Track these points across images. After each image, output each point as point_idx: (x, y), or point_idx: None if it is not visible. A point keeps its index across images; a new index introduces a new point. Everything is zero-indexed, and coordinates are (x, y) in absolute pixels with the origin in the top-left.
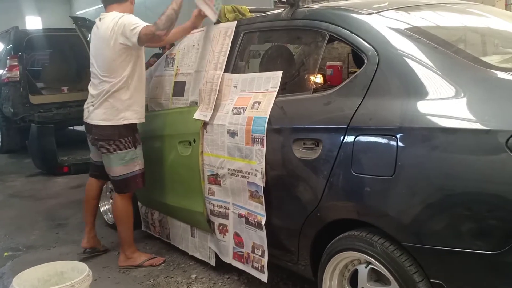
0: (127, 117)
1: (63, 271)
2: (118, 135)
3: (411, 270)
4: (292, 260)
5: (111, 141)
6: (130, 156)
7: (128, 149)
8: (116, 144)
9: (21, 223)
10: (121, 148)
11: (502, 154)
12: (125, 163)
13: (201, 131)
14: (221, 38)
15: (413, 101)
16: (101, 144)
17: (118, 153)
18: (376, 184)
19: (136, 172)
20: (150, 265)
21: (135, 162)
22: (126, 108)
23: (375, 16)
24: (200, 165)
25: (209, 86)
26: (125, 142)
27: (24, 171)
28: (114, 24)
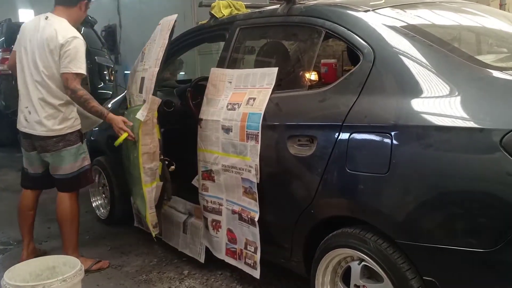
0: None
1: (54, 265)
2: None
3: (403, 267)
4: (285, 256)
5: (58, 138)
6: (80, 150)
7: (77, 144)
8: (64, 140)
9: (12, 218)
10: (70, 143)
11: (496, 152)
12: (73, 160)
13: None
14: (164, 32)
15: (408, 99)
16: (47, 142)
17: (67, 149)
18: (370, 181)
19: (86, 167)
20: (99, 269)
21: (84, 157)
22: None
23: (371, 14)
24: (141, 167)
25: (149, 84)
26: (72, 137)
27: (15, 165)
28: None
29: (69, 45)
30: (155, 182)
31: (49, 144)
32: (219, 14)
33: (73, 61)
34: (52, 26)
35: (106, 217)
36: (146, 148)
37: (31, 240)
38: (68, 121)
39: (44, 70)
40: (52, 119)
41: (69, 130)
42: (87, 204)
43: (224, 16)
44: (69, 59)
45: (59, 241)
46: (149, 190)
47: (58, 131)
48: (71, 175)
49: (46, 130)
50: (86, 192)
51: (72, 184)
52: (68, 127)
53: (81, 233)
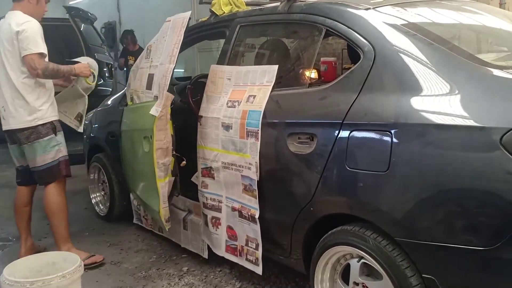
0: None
1: (54, 261)
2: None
3: (403, 265)
4: (284, 253)
5: (29, 130)
6: (53, 143)
7: (48, 136)
8: (37, 132)
9: (11, 214)
10: (42, 136)
11: (496, 151)
12: (49, 150)
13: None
14: (178, 29)
15: (408, 97)
16: (19, 136)
17: (39, 141)
18: (370, 179)
19: (59, 160)
20: (92, 263)
21: (58, 149)
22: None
23: (372, 12)
24: (155, 162)
25: (163, 81)
26: (44, 129)
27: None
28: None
29: (23, 29)
30: (168, 177)
31: (21, 137)
32: (219, 12)
33: (32, 42)
34: (7, 21)
35: (105, 214)
36: (160, 144)
37: (29, 236)
38: (38, 112)
39: (10, 65)
40: (22, 111)
41: (40, 122)
42: (87, 200)
43: (224, 14)
44: (27, 41)
45: None
46: (163, 185)
47: (28, 122)
48: (43, 168)
49: (17, 123)
50: (85, 188)
51: (45, 177)
52: (38, 119)
53: (81, 230)
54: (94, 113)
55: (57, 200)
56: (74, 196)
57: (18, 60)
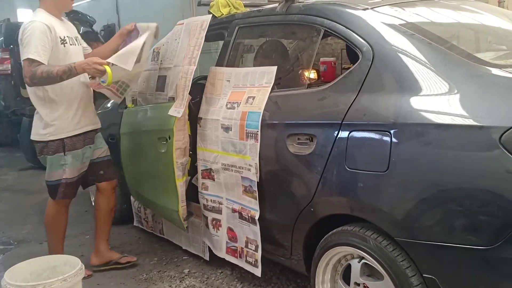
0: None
1: (55, 265)
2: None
3: (403, 265)
4: (285, 255)
5: (39, 144)
6: (56, 162)
7: (57, 154)
8: (45, 147)
9: (12, 217)
10: (50, 152)
11: (495, 150)
12: (50, 169)
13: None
14: (197, 31)
15: (407, 97)
16: (35, 147)
17: (47, 157)
18: (370, 179)
19: (60, 181)
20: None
21: (59, 170)
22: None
23: (370, 12)
24: (174, 163)
25: (183, 82)
26: (53, 146)
27: (15, 164)
28: (21, 37)
29: (23, 31)
30: (185, 176)
31: (36, 148)
32: (218, 13)
33: (25, 47)
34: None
35: None
36: (179, 144)
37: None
38: (50, 128)
39: None
40: (38, 123)
41: (50, 138)
42: (88, 203)
43: (223, 15)
44: (22, 46)
45: None
46: (181, 184)
47: (40, 136)
48: (47, 183)
49: (33, 134)
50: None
51: (49, 192)
52: (49, 134)
53: (82, 232)
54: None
55: (54, 217)
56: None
57: None
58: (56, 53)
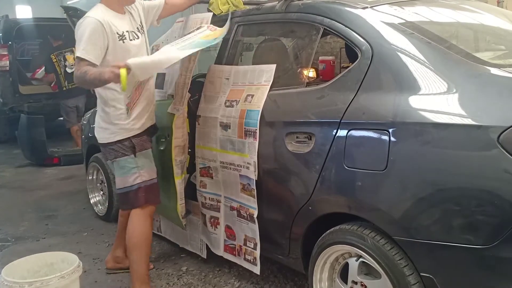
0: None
1: (53, 262)
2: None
3: (401, 263)
4: (283, 253)
5: (106, 148)
6: (130, 164)
7: (126, 156)
8: (113, 150)
9: (10, 214)
10: (119, 155)
11: (493, 149)
12: (125, 173)
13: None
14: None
15: (406, 96)
16: (103, 150)
17: (117, 160)
18: (368, 178)
19: (134, 187)
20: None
21: (136, 173)
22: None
23: (369, 11)
24: (173, 160)
25: (182, 79)
26: (121, 148)
27: (13, 161)
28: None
29: (77, 29)
30: (184, 174)
31: (104, 152)
32: (217, 11)
33: (76, 45)
34: None
35: (104, 214)
36: (178, 141)
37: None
38: (116, 127)
39: None
40: (102, 124)
41: (117, 138)
42: (86, 200)
43: (222, 13)
44: (76, 43)
45: (57, 238)
46: (180, 182)
47: (107, 137)
48: (119, 192)
49: (100, 137)
50: (84, 188)
51: (120, 201)
52: (116, 134)
53: (80, 230)
54: (92, 113)
55: (140, 230)
56: (73, 196)
57: None
58: (114, 50)
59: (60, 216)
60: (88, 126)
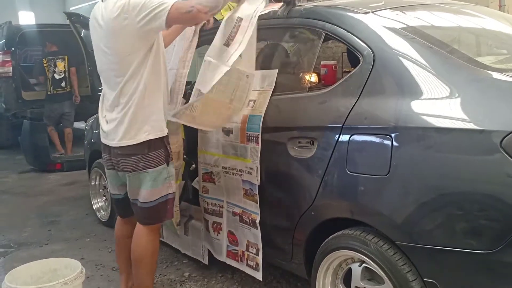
0: (150, 130)
1: (56, 268)
2: (147, 148)
3: (404, 269)
4: (286, 258)
5: (138, 156)
6: (164, 175)
7: (160, 166)
8: (146, 159)
9: (12, 220)
10: (152, 165)
11: (496, 154)
12: (157, 184)
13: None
14: (189, 35)
15: (408, 101)
16: (125, 161)
17: (148, 171)
18: (371, 183)
19: (168, 197)
20: None
21: (167, 183)
22: (147, 118)
23: (371, 16)
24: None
25: (177, 85)
26: (157, 156)
27: (16, 167)
28: (122, 5)
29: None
30: (178, 181)
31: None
32: (219, 17)
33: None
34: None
35: (107, 220)
36: (172, 148)
37: (129, 277)
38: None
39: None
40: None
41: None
42: (88, 206)
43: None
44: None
45: (60, 244)
46: None
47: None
48: (149, 205)
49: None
50: (87, 194)
51: (150, 216)
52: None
53: (82, 236)
54: (95, 118)
55: (151, 247)
56: (76, 201)
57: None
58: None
59: (62, 222)
60: (91, 132)
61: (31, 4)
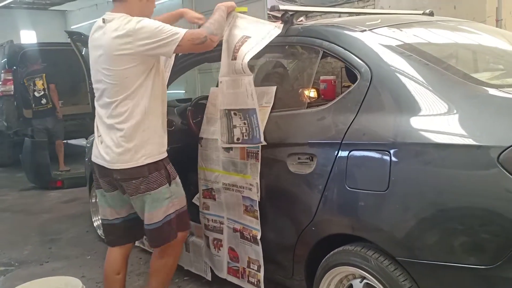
0: (148, 153)
1: (56, 286)
2: (147, 170)
3: (405, 284)
4: (287, 275)
5: (139, 179)
6: (166, 194)
7: (162, 187)
8: (148, 182)
9: (13, 238)
10: (154, 186)
11: (493, 169)
12: (161, 205)
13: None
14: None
15: (405, 117)
16: (125, 185)
17: (151, 193)
18: (370, 199)
19: (170, 217)
20: None
21: (170, 203)
22: (145, 141)
23: (368, 33)
24: None
25: None
26: (158, 177)
27: (16, 185)
28: (127, 28)
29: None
30: None
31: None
32: None
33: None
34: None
35: None
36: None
37: None
38: (146, 148)
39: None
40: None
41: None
42: (89, 223)
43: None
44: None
45: (61, 262)
46: None
47: (135, 161)
48: (153, 227)
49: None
50: (87, 211)
51: (154, 238)
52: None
53: (83, 253)
54: None
55: (173, 263)
56: (76, 219)
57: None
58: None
59: (63, 240)
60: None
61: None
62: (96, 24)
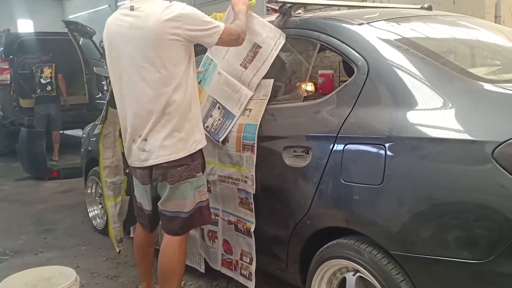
0: (198, 140)
1: (50, 276)
2: (191, 158)
3: (398, 278)
4: (281, 267)
5: (183, 167)
6: (200, 182)
7: (199, 174)
8: (190, 169)
9: (8, 228)
10: (195, 174)
11: (488, 164)
12: (194, 193)
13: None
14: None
15: (401, 111)
16: (171, 173)
17: (190, 181)
18: (365, 192)
19: (204, 203)
20: None
21: (202, 190)
22: (193, 128)
23: (365, 27)
24: (103, 181)
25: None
26: (198, 165)
27: (12, 174)
28: (176, 14)
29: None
30: (120, 196)
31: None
32: None
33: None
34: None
35: (102, 227)
36: (107, 162)
37: (151, 280)
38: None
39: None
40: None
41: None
42: (84, 214)
43: None
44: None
45: (55, 252)
46: (112, 205)
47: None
48: (188, 214)
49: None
50: (83, 202)
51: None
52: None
53: (78, 244)
54: (92, 126)
55: (183, 257)
56: (72, 209)
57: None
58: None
59: (58, 230)
60: (87, 140)
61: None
62: (117, 15)
